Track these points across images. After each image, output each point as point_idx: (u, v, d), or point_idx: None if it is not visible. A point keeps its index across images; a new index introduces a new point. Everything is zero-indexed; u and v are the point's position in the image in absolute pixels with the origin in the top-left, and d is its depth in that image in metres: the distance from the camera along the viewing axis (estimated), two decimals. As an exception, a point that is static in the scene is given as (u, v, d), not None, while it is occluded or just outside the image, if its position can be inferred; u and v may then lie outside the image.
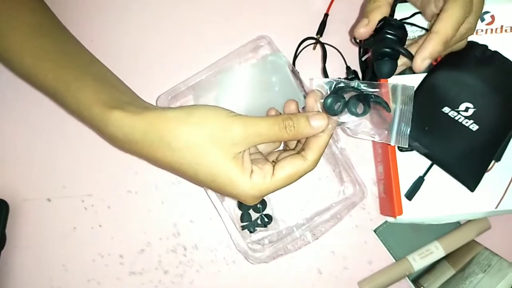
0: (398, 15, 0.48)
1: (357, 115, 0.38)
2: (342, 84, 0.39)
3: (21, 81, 0.54)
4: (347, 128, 0.40)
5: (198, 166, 0.36)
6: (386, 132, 0.40)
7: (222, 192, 0.38)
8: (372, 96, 0.39)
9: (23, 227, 0.53)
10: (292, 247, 0.50)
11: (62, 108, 0.44)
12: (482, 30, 0.50)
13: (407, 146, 0.42)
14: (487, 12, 0.50)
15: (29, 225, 0.53)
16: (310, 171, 0.39)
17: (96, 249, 0.52)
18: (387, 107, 0.39)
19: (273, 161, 0.41)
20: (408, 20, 0.47)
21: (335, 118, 0.39)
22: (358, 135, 0.40)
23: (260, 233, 0.52)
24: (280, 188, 0.38)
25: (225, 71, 0.51)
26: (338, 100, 0.38)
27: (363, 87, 0.39)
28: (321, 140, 0.38)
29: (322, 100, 0.39)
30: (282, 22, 0.56)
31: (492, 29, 0.50)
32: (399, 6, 0.46)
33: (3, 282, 0.51)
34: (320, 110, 0.39)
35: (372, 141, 0.53)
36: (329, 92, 0.39)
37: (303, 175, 0.39)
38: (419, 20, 0.47)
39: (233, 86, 0.51)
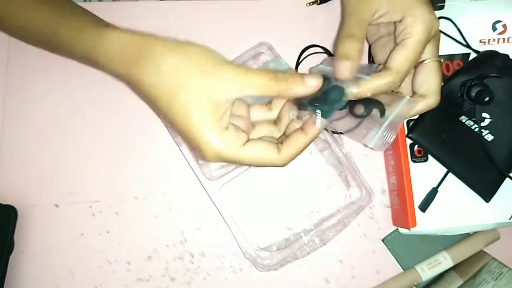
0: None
1: (356, 115, 0.38)
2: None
3: (27, 85, 0.54)
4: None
5: (176, 97, 0.34)
6: (366, 132, 0.39)
7: (187, 135, 0.35)
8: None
9: (31, 232, 0.52)
10: (300, 254, 0.50)
11: (59, 53, 0.45)
12: (494, 40, 0.50)
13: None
14: (499, 22, 0.50)
15: (37, 231, 0.53)
16: (278, 166, 0.37)
17: (103, 256, 0.52)
18: (382, 112, 0.39)
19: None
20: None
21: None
22: (339, 129, 0.41)
23: (268, 240, 0.52)
24: (241, 164, 0.36)
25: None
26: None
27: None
28: (302, 139, 0.37)
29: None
30: (282, 29, 0.56)
31: (504, 39, 0.50)
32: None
33: (11, 287, 0.51)
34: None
35: (384, 153, 0.53)
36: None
37: (268, 166, 0.37)
38: (442, 25, 0.49)
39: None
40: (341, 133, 0.41)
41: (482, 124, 0.47)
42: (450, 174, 0.48)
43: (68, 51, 0.43)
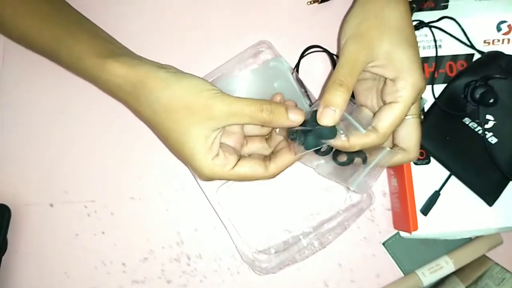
0: (425, 19, 0.50)
1: (338, 163, 0.42)
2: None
3: (21, 84, 0.54)
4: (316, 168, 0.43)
5: (171, 131, 0.38)
6: (349, 176, 0.42)
7: (184, 162, 0.40)
8: None
9: (25, 232, 0.52)
10: (299, 257, 0.49)
11: (58, 65, 0.45)
12: (498, 40, 0.49)
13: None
14: (504, 22, 0.49)
15: (31, 231, 0.52)
16: (267, 179, 0.41)
17: (98, 257, 0.52)
18: (364, 161, 0.41)
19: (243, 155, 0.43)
20: (435, 24, 0.48)
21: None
22: (322, 173, 0.44)
23: (266, 242, 0.51)
24: (235, 181, 0.41)
25: (226, 77, 0.50)
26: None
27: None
28: (287, 158, 0.40)
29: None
30: (283, 27, 0.55)
31: (509, 39, 0.49)
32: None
33: (3, 288, 0.51)
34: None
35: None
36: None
37: (259, 180, 0.41)
38: (445, 25, 0.49)
39: (234, 92, 0.50)
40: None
41: (486, 126, 0.46)
42: (453, 177, 0.48)
43: (69, 69, 0.45)
